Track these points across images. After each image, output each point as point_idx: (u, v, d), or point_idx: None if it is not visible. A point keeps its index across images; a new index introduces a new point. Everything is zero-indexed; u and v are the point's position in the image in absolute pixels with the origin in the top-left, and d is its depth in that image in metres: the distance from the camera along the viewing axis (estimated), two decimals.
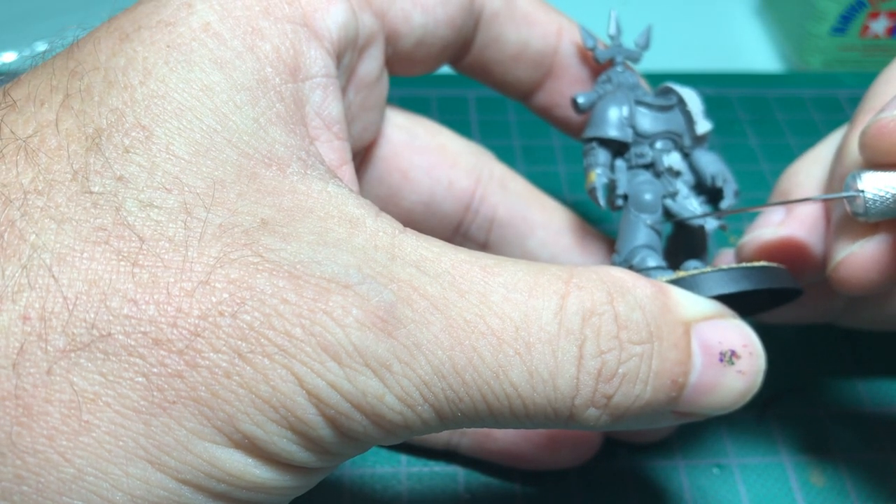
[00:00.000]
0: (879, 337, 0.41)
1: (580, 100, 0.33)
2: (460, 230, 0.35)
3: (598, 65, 0.34)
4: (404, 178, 0.34)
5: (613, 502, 0.36)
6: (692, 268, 0.29)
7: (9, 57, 0.51)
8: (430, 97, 0.55)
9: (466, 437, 0.36)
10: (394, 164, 0.33)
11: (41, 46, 0.51)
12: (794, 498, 0.36)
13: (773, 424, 0.39)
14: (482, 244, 0.36)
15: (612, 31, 0.34)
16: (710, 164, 0.32)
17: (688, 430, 0.38)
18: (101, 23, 0.25)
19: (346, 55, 0.27)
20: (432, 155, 0.34)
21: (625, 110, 0.32)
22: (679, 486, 0.36)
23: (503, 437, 0.35)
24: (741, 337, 0.25)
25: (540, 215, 0.36)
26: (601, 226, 0.46)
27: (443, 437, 0.36)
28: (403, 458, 0.37)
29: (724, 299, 0.26)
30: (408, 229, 0.24)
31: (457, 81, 0.56)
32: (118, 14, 0.25)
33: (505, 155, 0.48)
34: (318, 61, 0.25)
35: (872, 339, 0.41)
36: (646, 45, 0.35)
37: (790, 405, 0.39)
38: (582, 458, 0.36)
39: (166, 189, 0.21)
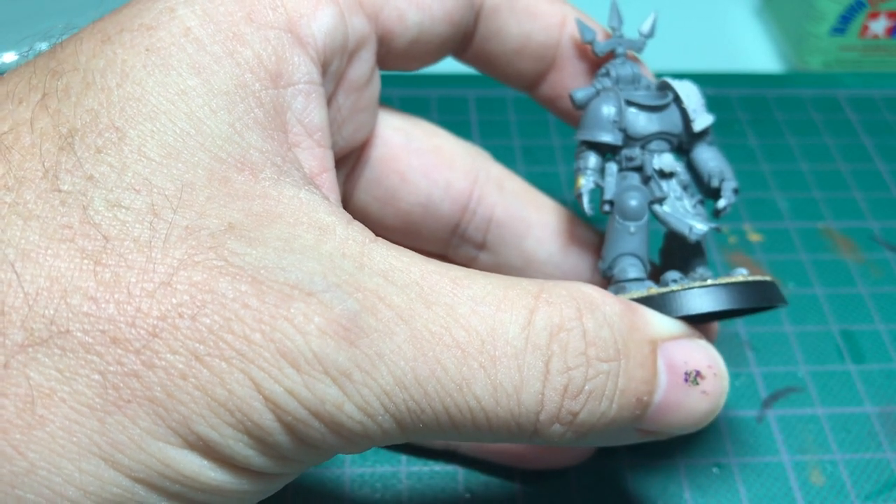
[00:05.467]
0: (879, 337, 0.41)
1: (577, 95, 0.32)
2: (458, 231, 0.35)
3: (599, 57, 0.33)
4: (402, 180, 0.34)
5: (613, 502, 0.36)
6: (671, 280, 0.29)
7: (9, 57, 0.51)
8: (430, 97, 0.55)
9: None
10: (391, 166, 0.33)
11: (42, 47, 0.51)
12: (794, 498, 0.36)
13: (773, 424, 0.39)
14: (480, 244, 0.36)
15: (614, 21, 0.33)
16: (709, 161, 0.32)
17: None
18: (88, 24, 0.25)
19: (333, 61, 0.27)
20: (429, 157, 0.34)
21: (615, 112, 0.31)
22: (679, 486, 0.36)
23: None
24: (706, 358, 0.26)
25: (537, 215, 0.35)
26: (599, 225, 0.46)
27: None
28: (403, 457, 0.37)
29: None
30: (379, 239, 0.24)
31: (457, 81, 0.56)
32: (105, 16, 0.25)
33: (505, 155, 0.48)
34: (301, 68, 0.25)
35: (872, 339, 0.41)
36: (650, 34, 0.33)
37: (790, 405, 0.39)
38: (581, 458, 0.36)
39: (135, 190, 0.21)
